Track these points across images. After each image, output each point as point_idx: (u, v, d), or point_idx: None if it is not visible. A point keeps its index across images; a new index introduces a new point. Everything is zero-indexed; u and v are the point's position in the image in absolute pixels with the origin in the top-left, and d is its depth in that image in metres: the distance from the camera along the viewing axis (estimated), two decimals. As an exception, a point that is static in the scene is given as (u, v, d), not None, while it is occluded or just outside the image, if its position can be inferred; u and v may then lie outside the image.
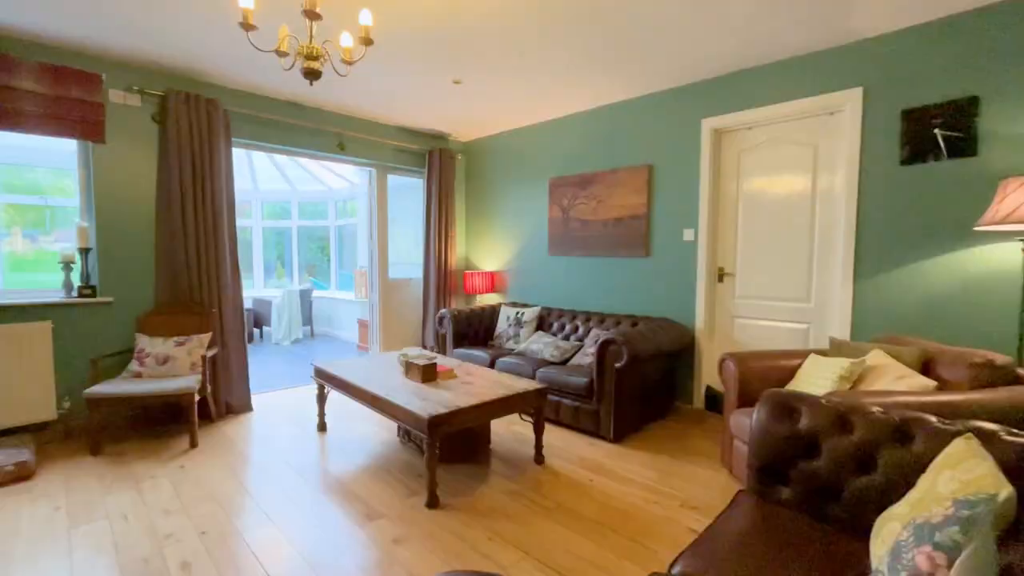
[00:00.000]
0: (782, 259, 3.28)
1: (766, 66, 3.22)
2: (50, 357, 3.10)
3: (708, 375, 3.61)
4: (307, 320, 7.44)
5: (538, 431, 2.84)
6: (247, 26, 1.88)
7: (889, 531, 1.20)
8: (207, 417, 3.53)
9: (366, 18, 1.99)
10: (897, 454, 1.41)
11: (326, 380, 3.18)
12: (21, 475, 2.61)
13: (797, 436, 1.59)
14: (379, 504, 2.38)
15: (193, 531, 2.13)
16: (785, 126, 3.23)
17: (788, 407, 1.65)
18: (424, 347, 5.14)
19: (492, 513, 2.30)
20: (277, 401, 4.05)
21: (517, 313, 4.37)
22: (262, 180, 7.79)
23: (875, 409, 1.54)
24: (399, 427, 3.22)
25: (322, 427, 3.36)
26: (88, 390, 2.86)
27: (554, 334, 4.18)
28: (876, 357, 2.32)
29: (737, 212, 3.48)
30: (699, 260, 3.56)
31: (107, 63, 3.27)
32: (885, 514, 1.28)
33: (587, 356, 3.54)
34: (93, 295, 3.27)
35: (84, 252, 3.27)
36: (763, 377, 2.61)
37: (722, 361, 2.71)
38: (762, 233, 3.36)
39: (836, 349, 2.57)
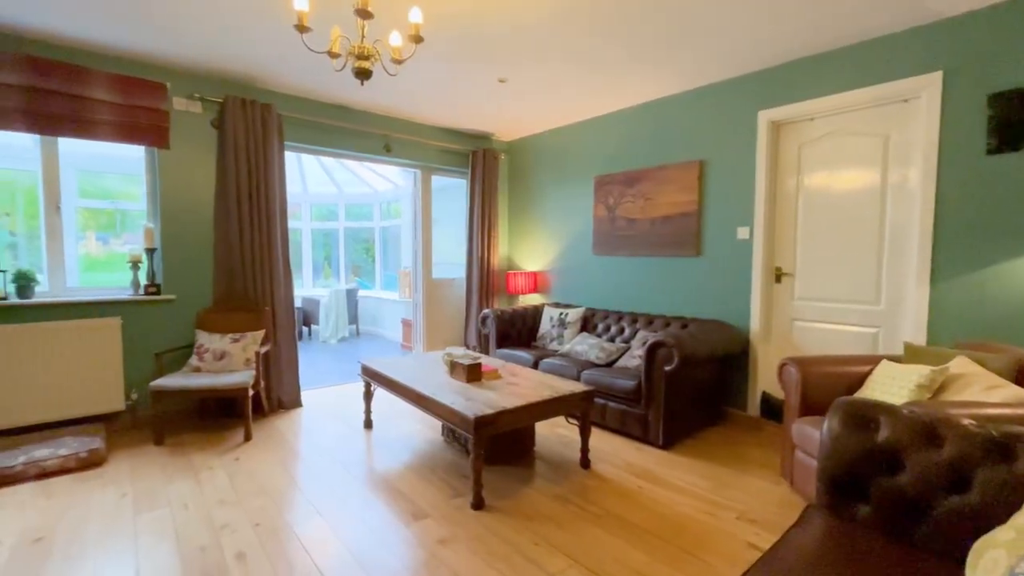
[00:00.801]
0: (847, 259, 3.06)
1: (831, 52, 3.02)
2: (119, 351, 3.29)
3: (764, 380, 3.43)
4: (353, 319, 7.62)
5: (584, 435, 2.77)
6: (301, 28, 1.92)
7: (992, 560, 1.07)
8: (260, 411, 3.65)
9: (416, 16, 1.99)
10: (997, 473, 1.27)
11: (373, 378, 3.22)
12: (93, 462, 2.77)
13: (876, 449, 1.46)
14: (424, 503, 2.37)
15: (247, 522, 2.19)
16: (851, 116, 3.02)
17: (864, 417, 1.52)
18: (467, 347, 5.15)
19: (538, 517, 2.25)
20: (325, 397, 4.15)
21: (561, 314, 4.30)
22: (311, 183, 8.05)
23: (967, 422, 1.39)
24: (443, 426, 3.22)
25: (368, 424, 3.41)
26: (153, 383, 3.01)
27: (599, 335, 4.09)
28: (961, 364, 2.11)
29: (797, 209, 3.28)
30: (755, 260, 3.38)
31: (171, 73, 3.44)
32: (985, 539, 1.15)
33: (634, 358, 3.43)
34: (158, 293, 3.45)
35: (150, 252, 3.46)
36: (828, 384, 2.44)
37: (782, 366, 2.55)
38: (825, 231, 3.16)
39: (912, 355, 2.37)
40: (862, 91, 2.90)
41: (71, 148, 3.27)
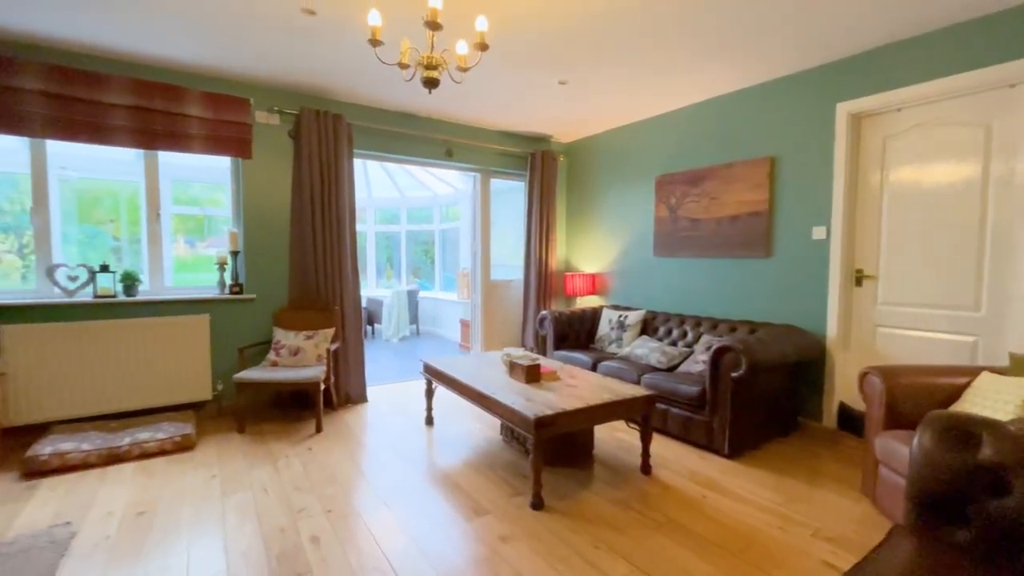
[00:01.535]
0: (941, 260, 2.81)
1: (921, 36, 2.79)
2: (208, 345, 3.59)
3: (843, 390, 3.21)
4: (413, 319, 7.87)
5: (645, 440, 2.71)
6: (375, 42, 2.02)
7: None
8: (329, 405, 3.86)
9: (482, 24, 2.04)
10: None
11: (434, 376, 3.31)
12: (185, 445, 3.04)
13: (977, 468, 1.33)
14: (485, 500, 2.41)
15: (320, 508, 2.33)
16: (946, 105, 2.77)
17: (963, 433, 1.39)
18: (524, 348, 5.18)
19: (598, 520, 2.23)
20: (388, 394, 4.32)
21: (620, 316, 4.24)
22: (375, 188, 8.41)
23: (1091, 443, 1.24)
24: (502, 425, 3.26)
25: (429, 421, 3.51)
26: (237, 375, 3.26)
27: (660, 339, 3.99)
28: (1080, 379, 1.88)
29: (881, 206, 3.05)
30: (832, 261, 3.18)
31: (254, 88, 3.71)
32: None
33: (698, 364, 3.32)
34: (241, 292, 3.73)
35: (234, 255, 3.75)
36: (917, 396, 2.25)
37: (864, 375, 2.38)
38: (914, 230, 2.91)
39: (1019, 367, 2.14)
40: (959, 77, 2.65)
41: (165, 159, 3.61)
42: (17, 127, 2.98)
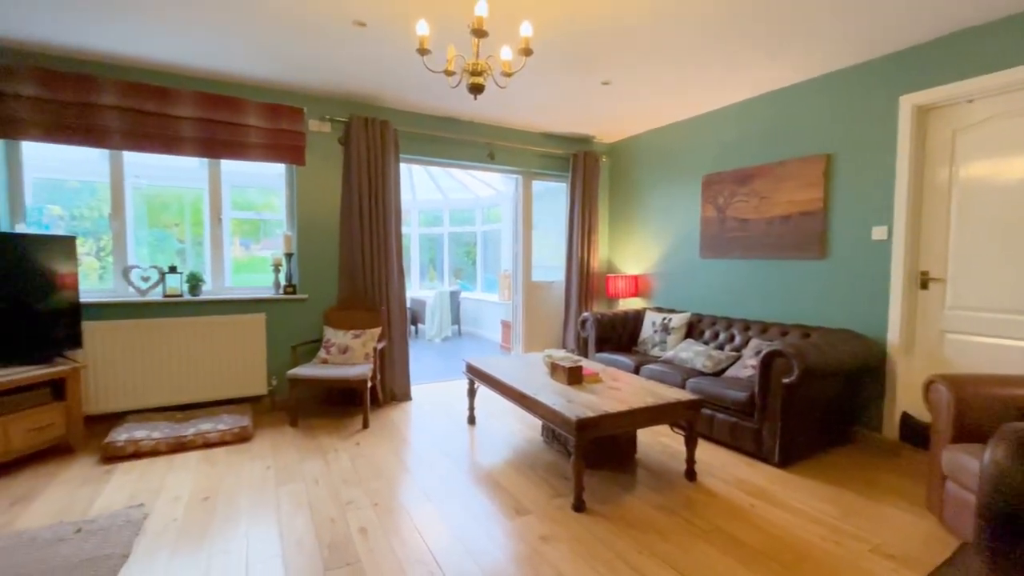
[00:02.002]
0: (1021, 261, 2.60)
1: (995, 22, 2.60)
2: (263, 342, 3.78)
3: (905, 399, 3.02)
4: (455, 319, 8.00)
5: (690, 446, 2.65)
6: (422, 51, 2.08)
7: None
8: (375, 402, 3.98)
9: (527, 30, 2.06)
10: None
11: (477, 376, 3.36)
12: (243, 437, 3.21)
13: (1059, 486, 1.23)
14: (526, 500, 2.43)
15: (367, 501, 2.41)
16: (1024, 94, 2.57)
17: (1043, 447, 1.29)
18: (565, 350, 5.16)
19: (641, 525, 2.20)
20: (431, 392, 4.41)
21: (664, 319, 4.16)
22: (419, 191, 8.60)
23: None
24: (543, 427, 3.27)
25: (472, 420, 3.56)
26: (290, 371, 3.42)
27: (706, 342, 3.88)
28: None
29: (950, 204, 2.86)
30: (894, 262, 3.00)
31: (307, 98, 3.89)
32: None
33: (747, 368, 3.21)
34: (294, 292, 3.91)
35: (288, 257, 3.94)
36: (990, 407, 2.10)
37: (930, 384, 2.24)
38: (988, 230, 2.71)
39: (1111, 378, 1.96)
40: (1039, 63, 2.45)
41: (226, 167, 3.83)
42: (99, 140, 3.24)
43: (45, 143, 3.17)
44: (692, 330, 4.08)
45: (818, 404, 2.90)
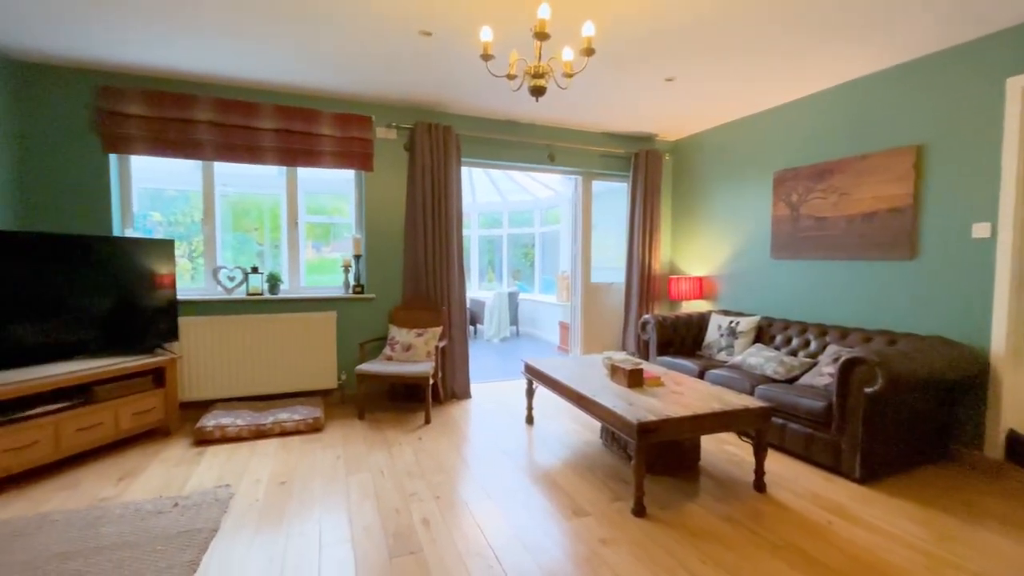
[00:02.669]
0: None
1: None
2: (334, 339, 4.00)
3: (1013, 415, 2.71)
4: (513, 320, 8.06)
5: (759, 455, 2.52)
6: (486, 57, 2.13)
7: None
8: (436, 399, 4.10)
9: (589, 30, 2.06)
10: None
11: (534, 376, 3.38)
12: (316, 427, 3.42)
13: None
14: (584, 502, 2.41)
15: (430, 494, 2.49)
16: None
17: None
18: (625, 352, 5.07)
19: (704, 534, 2.12)
20: (490, 391, 4.47)
21: (731, 322, 3.98)
22: (479, 193, 8.76)
23: None
24: (602, 429, 3.23)
25: (530, 420, 3.58)
26: (358, 367, 3.59)
27: (777, 348, 3.68)
28: None
29: (1067, 197, 2.54)
30: (999, 263, 2.71)
31: (375, 107, 4.08)
32: None
33: (823, 376, 3.01)
34: (362, 292, 4.11)
35: (357, 258, 4.14)
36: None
37: (1042, 398, 2.00)
38: (1116, 225, 2.39)
39: None
40: None
41: (301, 174, 4.09)
42: (194, 152, 3.57)
43: (150, 156, 3.54)
44: (761, 334, 3.88)
45: (906, 417, 2.67)
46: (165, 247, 3.41)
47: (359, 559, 1.94)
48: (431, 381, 3.59)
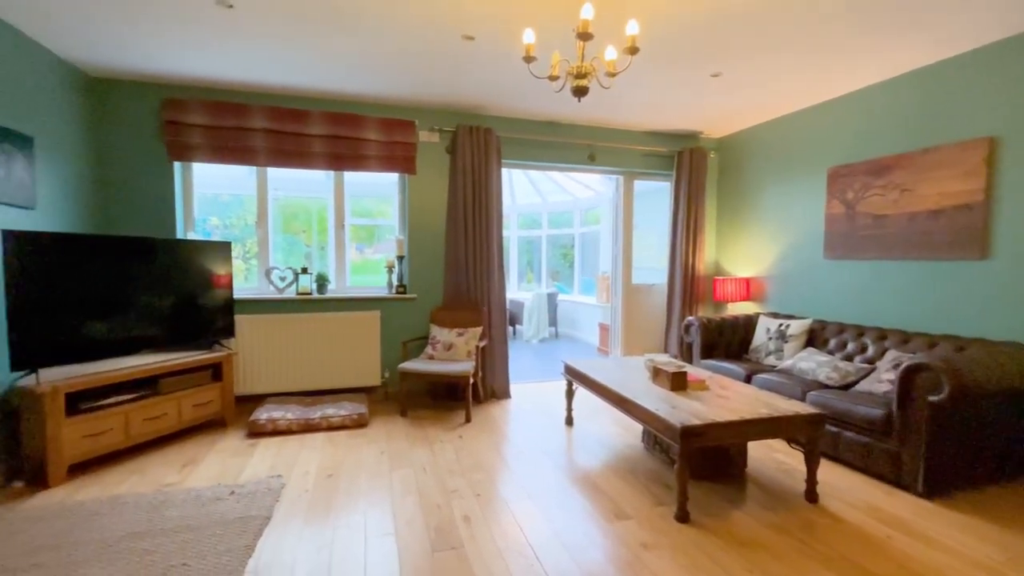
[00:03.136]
0: None
1: None
2: (378, 337, 4.11)
3: (1098, 430, 2.49)
4: (552, 321, 8.04)
5: (811, 464, 2.42)
6: (528, 59, 2.14)
7: None
8: (476, 398, 4.14)
9: (633, 28, 2.03)
10: None
11: (574, 377, 3.36)
12: (360, 423, 3.52)
13: None
14: (626, 505, 2.38)
15: (470, 491, 2.52)
16: None
17: None
18: (667, 355, 4.96)
19: (751, 543, 2.05)
20: (529, 392, 4.48)
21: (780, 325, 3.83)
22: (518, 194, 8.79)
23: None
24: (644, 432, 3.18)
25: (569, 421, 3.57)
26: (401, 365, 3.68)
27: (830, 352, 3.51)
28: None
29: None
30: (1083, 263, 2.49)
31: (417, 111, 4.17)
32: None
33: (881, 383, 2.85)
34: (405, 292, 4.21)
35: (400, 259, 4.24)
36: None
37: None
38: None
39: None
40: None
41: (346, 178, 4.22)
42: (250, 158, 3.76)
43: (209, 164, 3.75)
44: (813, 338, 3.71)
45: (976, 428, 2.49)
46: (223, 249, 3.60)
47: (402, 551, 1.99)
48: (471, 380, 3.64)
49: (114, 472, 2.73)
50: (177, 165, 3.75)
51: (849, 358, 3.36)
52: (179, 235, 3.77)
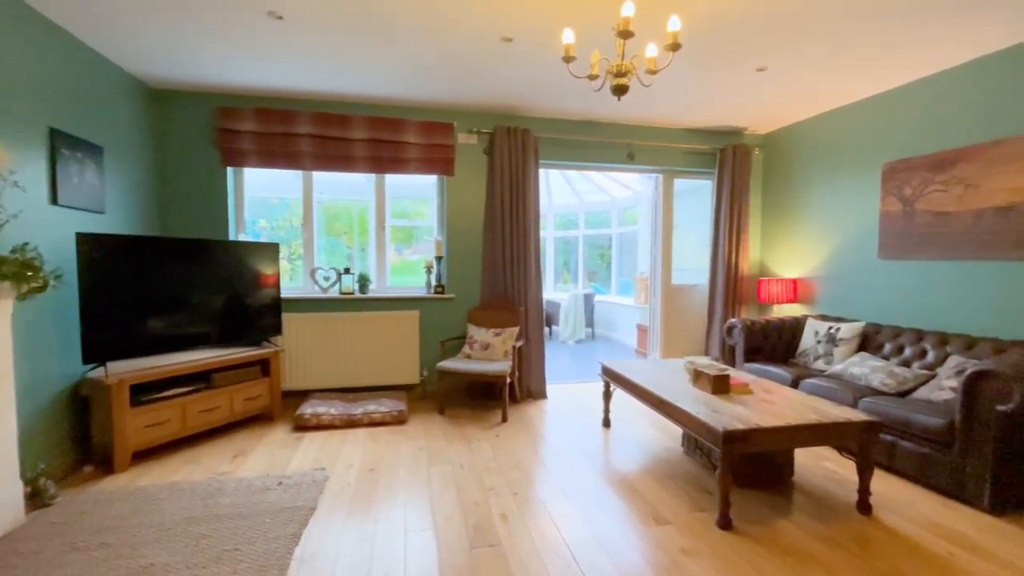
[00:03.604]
0: None
1: None
2: (416, 337, 4.19)
3: None
4: (589, 322, 7.97)
5: (864, 474, 2.30)
6: (568, 59, 2.14)
7: None
8: (513, 398, 4.15)
9: (675, 24, 2.00)
10: None
11: (612, 379, 3.32)
12: (400, 419, 3.60)
13: None
14: (665, 509, 2.34)
15: (507, 490, 2.53)
16: None
17: None
18: (708, 357, 4.83)
19: (799, 554, 1.98)
20: (565, 392, 4.46)
21: (830, 328, 3.66)
22: (555, 194, 8.76)
23: None
24: (684, 436, 3.11)
25: (607, 423, 3.53)
26: (439, 364, 3.74)
27: (885, 357, 3.33)
28: None
29: None
30: None
31: (456, 113, 4.23)
32: None
33: (942, 390, 2.68)
34: (443, 292, 4.28)
35: (438, 259, 4.31)
36: None
37: None
38: None
39: None
40: None
41: (387, 180, 4.32)
42: (296, 163, 3.92)
43: (259, 168, 3.93)
44: (866, 342, 3.53)
45: (1051, 441, 2.31)
46: (271, 250, 3.76)
47: (441, 546, 2.03)
48: (508, 380, 3.65)
49: (172, 460, 2.89)
50: (229, 170, 3.94)
51: (906, 363, 3.18)
52: (231, 237, 3.95)
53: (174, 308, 3.20)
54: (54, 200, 2.66)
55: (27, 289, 2.10)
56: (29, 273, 2.08)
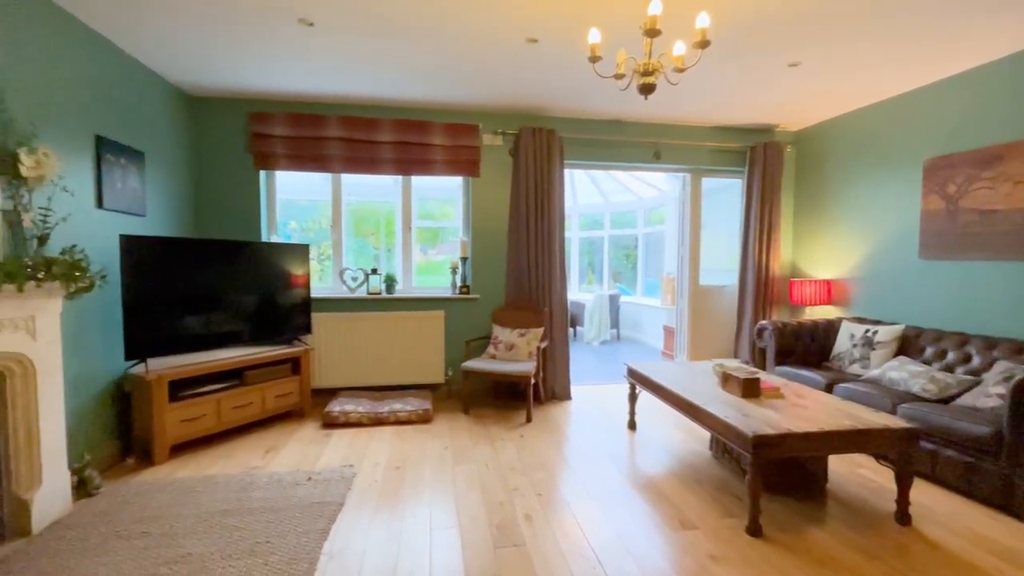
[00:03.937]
0: None
1: None
2: (442, 336, 4.23)
3: None
4: (614, 323, 7.89)
5: (903, 483, 2.22)
6: (594, 59, 2.13)
7: None
8: (537, 398, 4.15)
9: (704, 21, 1.96)
10: None
11: (638, 381, 3.29)
12: (425, 418, 3.64)
13: None
14: (692, 515, 2.30)
15: (532, 490, 2.53)
16: None
17: None
18: (738, 360, 4.72)
19: (833, 564, 1.91)
20: (589, 394, 4.43)
21: (867, 331, 3.53)
22: (580, 194, 8.71)
23: None
24: (712, 440, 3.05)
25: (632, 425, 3.49)
26: (464, 364, 3.77)
27: (926, 362, 3.20)
28: None
29: None
30: None
31: (481, 115, 4.25)
32: None
33: (988, 397, 2.56)
34: (468, 293, 4.30)
35: (463, 260, 4.34)
36: None
37: None
38: None
39: None
40: None
41: (413, 182, 4.37)
42: (326, 166, 4.00)
43: (290, 171, 4.03)
44: (906, 346, 3.40)
45: (1109, 452, 2.18)
46: (302, 251, 3.85)
47: (466, 545, 2.04)
48: (532, 380, 3.65)
49: (207, 454, 2.99)
50: (262, 173, 4.06)
51: (949, 369, 3.05)
52: (263, 239, 4.07)
53: (210, 307, 3.31)
54: (99, 204, 2.79)
55: (75, 289, 2.21)
56: (77, 273, 2.18)
